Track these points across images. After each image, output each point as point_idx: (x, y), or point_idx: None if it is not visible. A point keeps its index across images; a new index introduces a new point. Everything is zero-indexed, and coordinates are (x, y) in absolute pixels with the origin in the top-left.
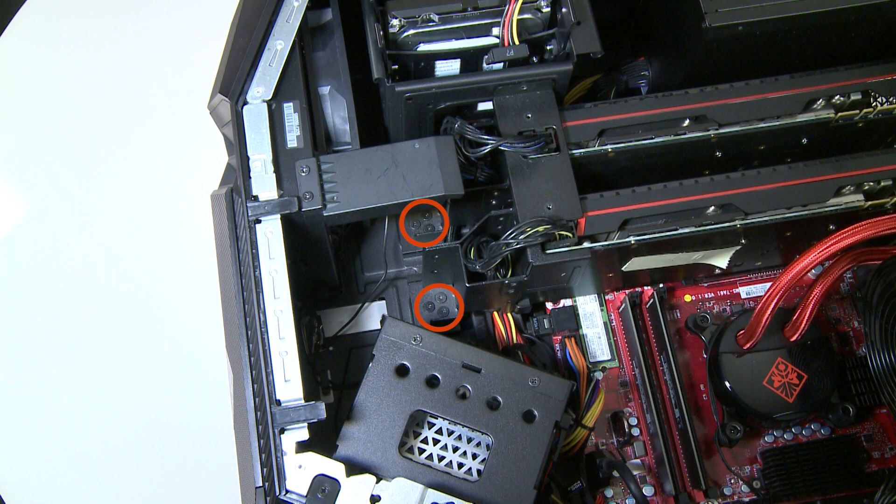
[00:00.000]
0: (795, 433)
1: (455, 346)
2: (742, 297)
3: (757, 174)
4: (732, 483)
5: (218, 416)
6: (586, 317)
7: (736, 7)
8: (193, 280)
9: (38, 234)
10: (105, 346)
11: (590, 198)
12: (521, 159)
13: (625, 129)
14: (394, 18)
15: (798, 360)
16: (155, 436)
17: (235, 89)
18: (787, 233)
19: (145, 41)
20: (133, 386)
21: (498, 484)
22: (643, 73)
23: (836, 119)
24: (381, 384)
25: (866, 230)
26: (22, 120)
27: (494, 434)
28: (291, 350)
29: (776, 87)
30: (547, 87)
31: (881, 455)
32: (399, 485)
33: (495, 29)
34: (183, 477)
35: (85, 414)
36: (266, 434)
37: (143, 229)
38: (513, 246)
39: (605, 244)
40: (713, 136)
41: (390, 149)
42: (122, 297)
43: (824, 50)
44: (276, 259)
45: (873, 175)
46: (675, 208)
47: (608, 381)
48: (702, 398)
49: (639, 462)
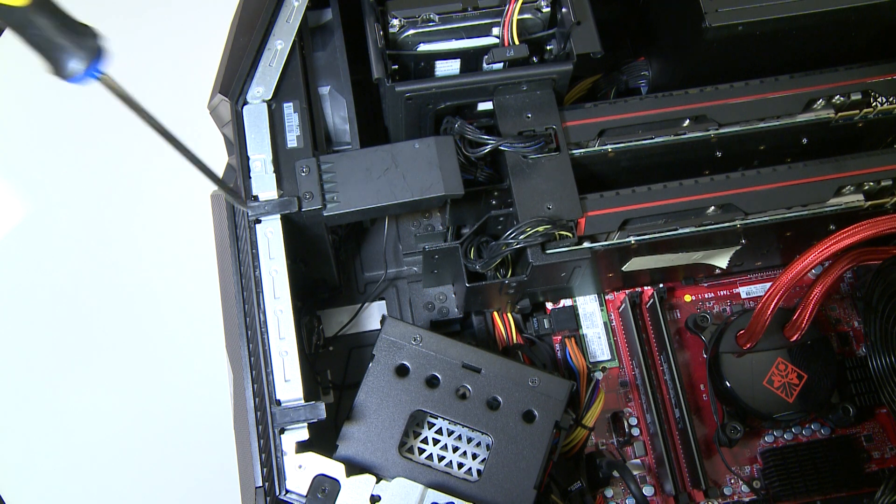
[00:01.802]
0: (795, 433)
1: (455, 346)
2: (742, 297)
3: (757, 174)
4: (732, 483)
5: (218, 416)
6: (586, 317)
7: (736, 7)
8: (193, 280)
9: (38, 234)
10: (105, 346)
11: (590, 198)
12: (521, 159)
13: (625, 129)
14: (394, 18)
15: (798, 360)
16: (155, 436)
17: (235, 89)
18: (787, 233)
19: (145, 41)
20: (133, 386)
21: (498, 484)
22: (643, 73)
23: (836, 119)
24: (381, 384)
25: (866, 230)
26: (22, 120)
27: (494, 434)
28: (291, 350)
29: (776, 87)
30: (547, 87)
31: (881, 455)
32: (399, 485)
33: (495, 29)
34: (183, 477)
35: (85, 414)
36: (266, 434)
37: (143, 229)
38: (513, 246)
39: (605, 244)
40: (713, 136)
41: (390, 149)
42: (122, 297)
43: (824, 50)
44: (276, 259)
45: (873, 175)
46: (675, 208)
47: (608, 381)
48: (702, 398)
49: (639, 462)
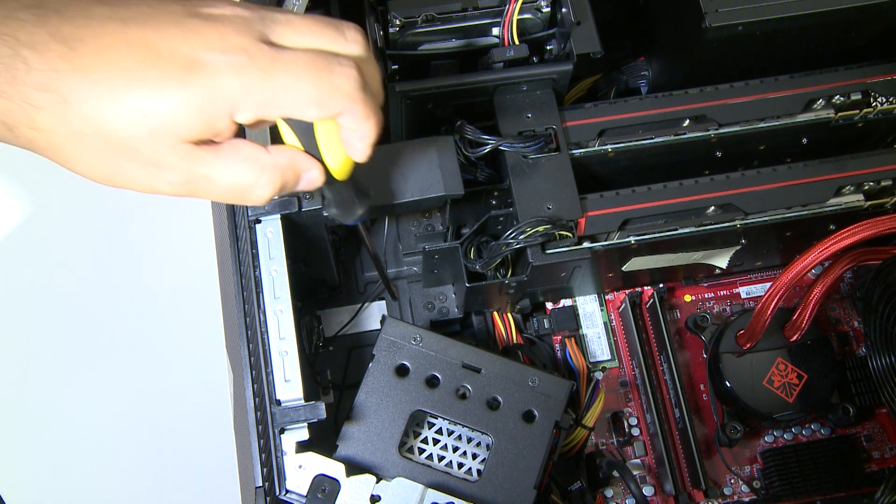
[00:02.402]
0: (795, 433)
1: (455, 346)
2: (742, 297)
3: (757, 174)
4: (732, 483)
5: (218, 416)
6: (586, 317)
7: (736, 7)
8: (193, 280)
9: (38, 234)
10: (105, 346)
11: (590, 198)
12: (521, 159)
13: (625, 129)
14: (394, 18)
15: (798, 360)
16: (155, 435)
17: None
18: (787, 233)
19: None
20: (133, 386)
21: (498, 484)
22: (643, 73)
23: (836, 119)
24: (381, 384)
25: (866, 230)
26: None
27: (494, 434)
28: (291, 350)
29: (776, 87)
30: (547, 86)
31: (881, 455)
32: (399, 485)
33: (495, 29)
34: (183, 477)
35: (85, 414)
36: (266, 434)
37: (143, 229)
38: (513, 246)
39: (605, 244)
40: (713, 136)
41: (390, 149)
42: (122, 297)
43: (824, 50)
44: (276, 259)
45: (873, 175)
46: (675, 208)
47: (608, 381)
48: (702, 398)
49: (639, 462)
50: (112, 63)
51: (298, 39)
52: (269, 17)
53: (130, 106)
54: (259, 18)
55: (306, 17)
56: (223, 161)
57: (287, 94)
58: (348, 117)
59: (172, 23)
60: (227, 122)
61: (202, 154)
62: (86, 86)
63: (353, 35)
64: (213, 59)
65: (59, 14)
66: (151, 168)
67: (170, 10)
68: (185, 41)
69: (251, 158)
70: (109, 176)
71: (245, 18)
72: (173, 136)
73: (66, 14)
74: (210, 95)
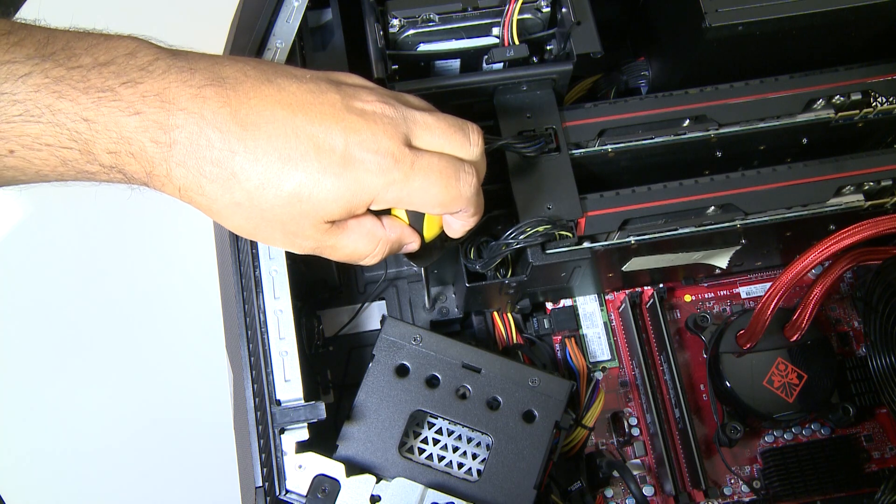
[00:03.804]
0: (795, 433)
1: (455, 346)
2: (742, 297)
3: (757, 174)
4: (732, 483)
5: (218, 416)
6: (586, 317)
7: (736, 7)
8: (193, 280)
9: (38, 235)
10: (105, 346)
11: (590, 198)
12: (521, 159)
13: (625, 129)
14: (394, 18)
15: (798, 360)
16: (155, 436)
17: None
18: (787, 233)
19: None
20: (133, 386)
21: (498, 484)
22: (643, 73)
23: (836, 119)
24: (381, 384)
25: (866, 230)
26: None
27: (494, 434)
28: (291, 350)
29: (776, 87)
30: (547, 86)
31: (881, 455)
32: (399, 485)
33: (495, 29)
34: (183, 477)
35: (84, 414)
36: (266, 434)
37: (143, 229)
38: (513, 246)
39: (605, 244)
40: (713, 136)
41: None
42: (122, 296)
43: (824, 50)
44: (276, 259)
45: (873, 175)
46: (675, 208)
47: (608, 381)
48: (702, 398)
49: (639, 462)
50: (280, 151)
51: (433, 143)
52: (410, 117)
53: (289, 191)
54: (402, 119)
55: (439, 118)
56: (348, 235)
57: (419, 196)
58: (461, 213)
59: (333, 117)
60: (363, 209)
61: (334, 229)
62: (256, 168)
63: (476, 139)
64: (365, 158)
65: (236, 92)
66: (292, 236)
67: (330, 100)
68: (343, 138)
69: (370, 234)
70: (252, 234)
71: (392, 119)
72: (318, 218)
73: (242, 91)
74: (358, 189)
